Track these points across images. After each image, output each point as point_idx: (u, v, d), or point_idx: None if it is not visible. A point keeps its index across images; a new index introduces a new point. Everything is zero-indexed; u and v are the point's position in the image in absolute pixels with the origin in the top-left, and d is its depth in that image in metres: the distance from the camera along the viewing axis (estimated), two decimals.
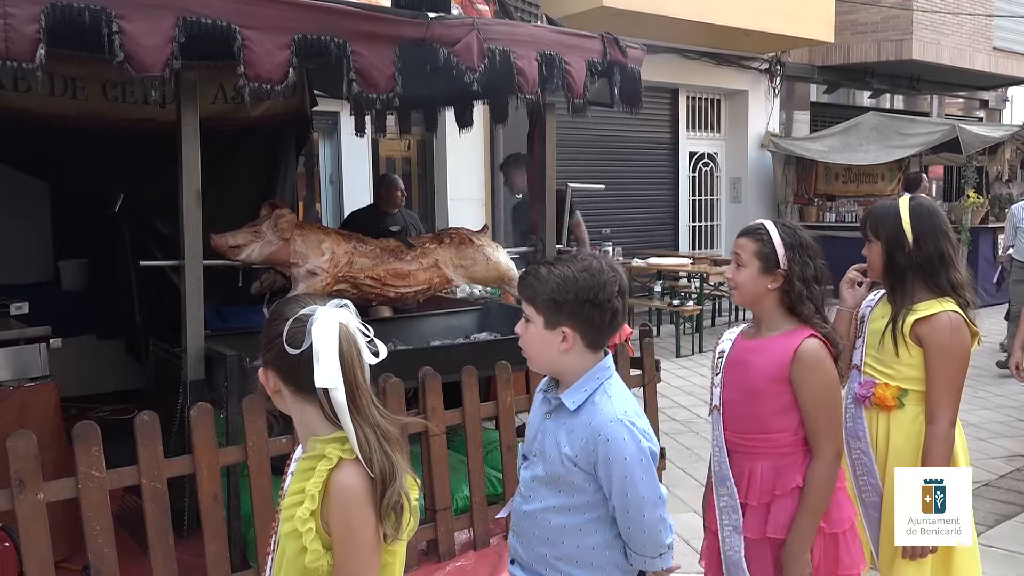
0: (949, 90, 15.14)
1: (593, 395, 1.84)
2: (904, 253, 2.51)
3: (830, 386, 2.18)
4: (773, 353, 2.20)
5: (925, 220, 2.52)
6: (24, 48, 2.59)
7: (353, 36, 3.23)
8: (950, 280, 2.48)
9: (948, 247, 2.51)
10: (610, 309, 1.82)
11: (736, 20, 9.93)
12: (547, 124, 4.52)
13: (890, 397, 2.55)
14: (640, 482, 1.79)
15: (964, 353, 2.46)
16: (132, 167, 5.22)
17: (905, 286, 2.53)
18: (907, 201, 2.55)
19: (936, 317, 2.44)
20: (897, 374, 2.56)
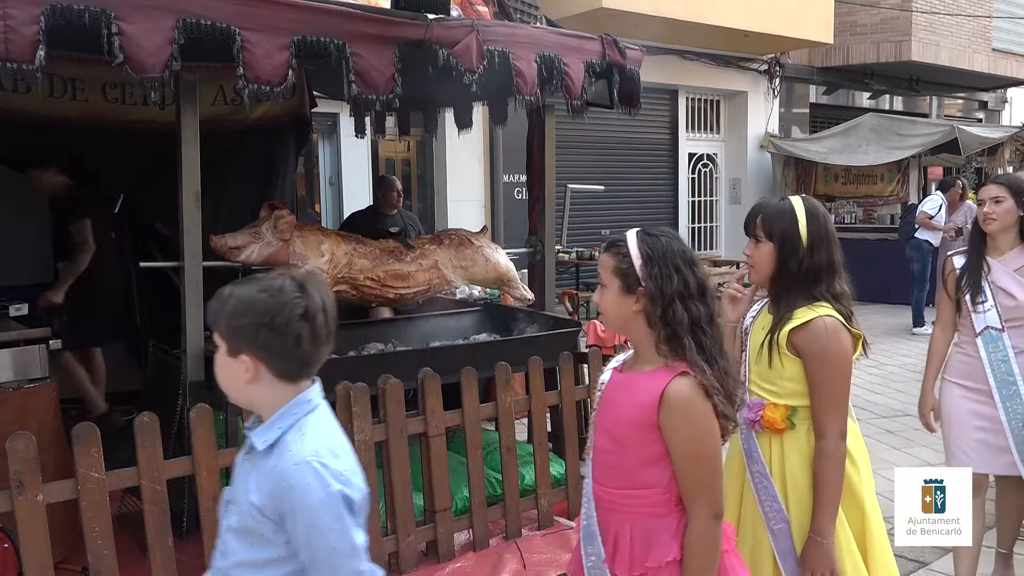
0: (948, 91, 15.15)
1: (286, 434, 1.59)
2: (796, 259, 2.30)
3: (705, 434, 1.81)
4: (639, 393, 1.85)
5: (820, 223, 2.32)
6: (24, 49, 2.60)
7: (352, 37, 3.23)
8: (831, 290, 2.30)
9: (837, 255, 2.33)
10: (291, 334, 1.56)
11: (735, 21, 9.94)
12: (546, 125, 4.52)
13: (779, 419, 2.31)
14: (329, 531, 1.53)
15: (844, 359, 2.25)
16: (132, 168, 5.22)
17: (791, 294, 2.32)
18: (802, 202, 2.35)
19: (811, 324, 2.24)
20: (782, 391, 2.32)
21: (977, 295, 3.26)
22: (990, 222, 3.26)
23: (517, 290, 4.66)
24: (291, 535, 1.57)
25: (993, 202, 3.26)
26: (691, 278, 1.84)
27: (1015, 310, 3.23)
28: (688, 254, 1.87)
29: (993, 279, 3.26)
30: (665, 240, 1.87)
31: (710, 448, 1.82)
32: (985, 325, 3.25)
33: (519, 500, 3.89)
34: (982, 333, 3.26)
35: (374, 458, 3.51)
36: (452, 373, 3.74)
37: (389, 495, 3.57)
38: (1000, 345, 3.24)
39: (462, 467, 3.87)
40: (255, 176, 5.73)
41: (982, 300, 3.25)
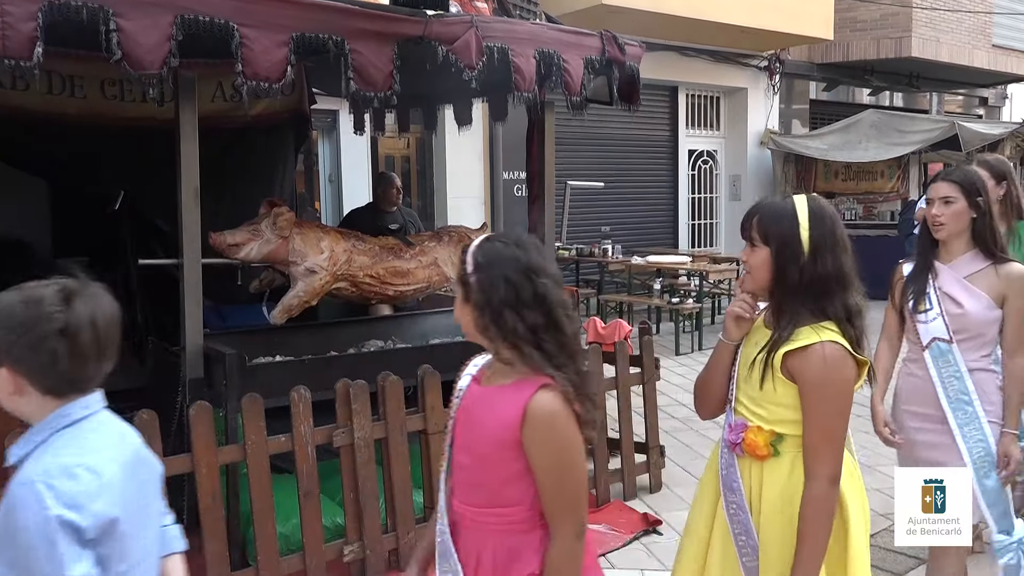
0: (948, 87, 15.14)
1: (35, 449, 1.49)
2: (797, 267, 2.02)
3: (567, 449, 1.70)
4: (500, 409, 1.73)
5: (826, 227, 2.04)
6: (22, 46, 2.59)
7: (351, 34, 3.22)
8: (846, 305, 2.02)
9: (848, 264, 2.04)
10: (46, 351, 1.45)
11: (735, 18, 9.92)
12: (546, 122, 4.52)
13: (762, 444, 2.07)
14: (41, 558, 1.38)
15: (843, 394, 1.98)
16: (131, 165, 5.22)
17: (794, 307, 2.04)
18: (805, 201, 2.07)
19: (810, 349, 1.97)
20: (770, 415, 2.07)
21: (920, 302, 2.87)
22: (939, 227, 2.84)
23: None
24: (11, 558, 1.43)
25: (942, 203, 2.83)
26: (525, 287, 1.70)
27: (961, 319, 2.81)
28: (525, 261, 1.72)
29: (940, 285, 2.85)
30: (501, 246, 1.74)
31: (575, 463, 1.73)
32: (932, 337, 2.85)
33: None
34: (929, 346, 2.86)
35: (374, 455, 3.51)
36: (452, 370, 3.71)
37: (389, 492, 3.57)
38: (950, 359, 2.84)
39: None
40: (254, 173, 5.72)
41: (926, 308, 2.85)
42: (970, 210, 2.80)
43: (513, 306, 1.70)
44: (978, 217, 2.81)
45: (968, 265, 2.85)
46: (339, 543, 3.46)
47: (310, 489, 3.31)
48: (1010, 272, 2.80)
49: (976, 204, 2.81)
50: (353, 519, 3.48)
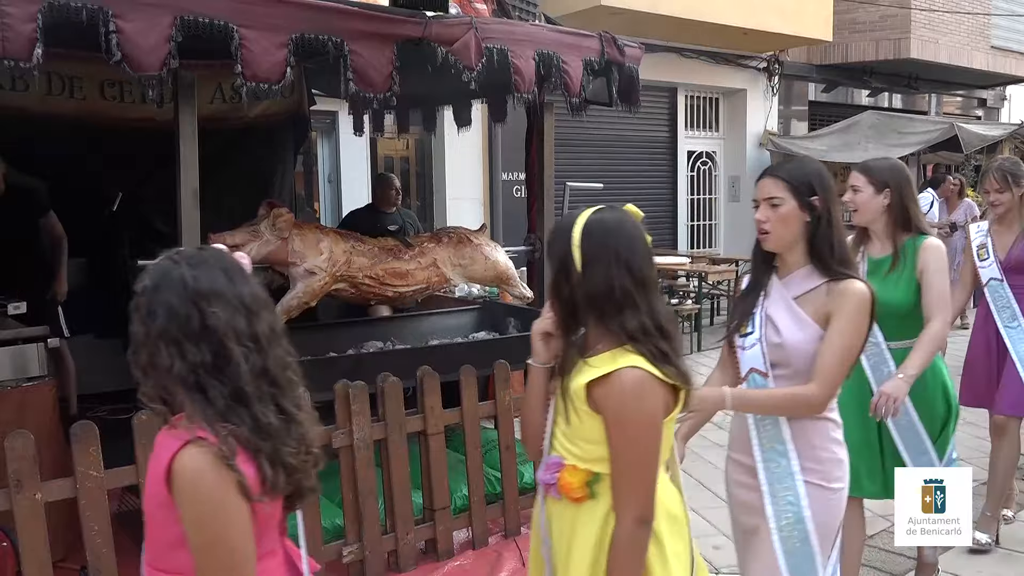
0: (947, 89, 15.14)
1: None
2: (569, 284, 1.84)
3: (209, 523, 1.42)
4: (156, 460, 1.47)
5: (596, 241, 1.82)
6: (21, 47, 2.59)
7: (351, 35, 3.22)
8: (641, 324, 1.80)
9: (625, 281, 1.80)
10: None
11: (734, 19, 9.93)
12: (545, 123, 4.52)
13: (577, 485, 1.84)
14: None
15: (645, 425, 1.77)
16: (130, 166, 5.22)
17: (576, 329, 1.88)
18: (588, 214, 1.87)
19: (610, 377, 1.77)
20: (584, 452, 1.84)
21: (744, 324, 2.38)
22: (763, 236, 2.33)
23: (516, 288, 4.66)
24: None
25: (768, 205, 2.30)
26: (190, 317, 1.43)
27: (780, 351, 2.29)
28: (193, 286, 1.45)
29: (767, 305, 2.35)
30: (170, 265, 1.49)
31: (221, 538, 1.42)
32: (749, 367, 2.35)
33: (518, 498, 3.89)
34: (747, 378, 2.37)
35: (373, 457, 3.51)
36: (451, 371, 3.74)
37: (388, 493, 3.57)
38: None
39: (461, 465, 3.87)
40: (254, 174, 5.72)
41: (748, 332, 2.36)
42: (802, 213, 2.28)
43: (172, 339, 1.43)
44: (812, 222, 2.28)
45: (801, 283, 2.31)
46: (338, 544, 3.46)
47: None
48: (843, 290, 2.22)
49: (809, 206, 2.28)
50: (352, 520, 3.48)
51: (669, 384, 1.80)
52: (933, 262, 3.03)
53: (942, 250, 3.08)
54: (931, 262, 3.03)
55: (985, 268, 4.08)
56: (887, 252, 3.14)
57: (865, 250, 3.21)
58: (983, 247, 4.12)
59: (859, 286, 2.20)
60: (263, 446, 1.46)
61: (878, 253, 3.18)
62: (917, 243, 3.08)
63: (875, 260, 3.18)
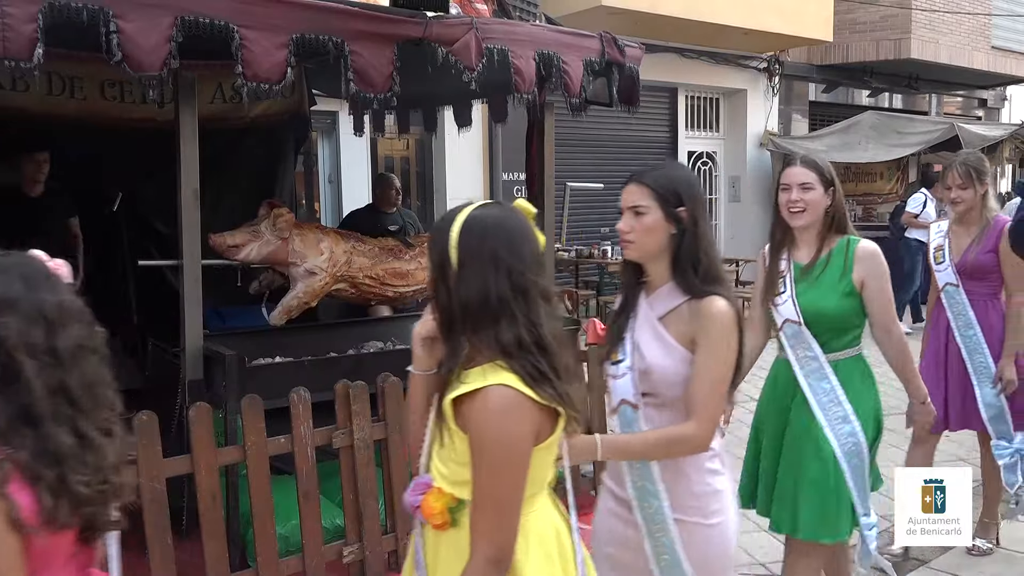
0: (948, 89, 15.14)
1: None
2: (446, 288, 1.66)
3: None
4: None
5: (473, 241, 1.64)
6: (22, 47, 2.59)
7: (351, 35, 3.22)
8: (499, 338, 1.60)
9: (503, 287, 1.61)
10: None
11: (735, 19, 9.93)
12: (546, 123, 4.51)
13: (439, 510, 1.66)
14: None
15: (507, 450, 1.58)
16: (130, 166, 5.22)
17: (456, 337, 1.67)
18: (469, 210, 1.69)
19: (477, 395, 1.59)
20: (451, 474, 1.66)
21: (614, 352, 2.17)
22: (626, 246, 2.13)
23: None
24: None
25: (632, 213, 2.09)
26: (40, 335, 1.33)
27: (646, 379, 2.09)
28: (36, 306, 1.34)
29: (635, 330, 2.13)
30: None
31: None
32: (620, 398, 2.14)
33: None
34: (618, 411, 2.16)
35: (373, 457, 3.51)
36: None
37: (388, 494, 3.57)
38: (635, 431, 2.12)
39: None
40: (254, 174, 5.72)
41: (618, 360, 2.15)
42: (667, 224, 2.05)
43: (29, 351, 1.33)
44: (677, 234, 2.05)
45: (664, 301, 2.10)
46: (338, 544, 3.46)
47: (309, 490, 3.31)
48: (705, 308, 2.01)
49: (676, 217, 2.05)
50: (352, 520, 3.48)
51: (545, 407, 1.61)
52: (877, 269, 2.76)
53: (880, 255, 2.81)
54: (874, 269, 2.76)
55: (941, 272, 3.83)
56: (819, 256, 2.83)
57: (790, 256, 2.90)
58: (940, 249, 3.86)
59: (721, 305, 2.01)
60: (45, 473, 1.30)
61: (805, 258, 2.87)
62: (851, 247, 2.79)
63: (802, 266, 2.87)
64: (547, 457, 1.70)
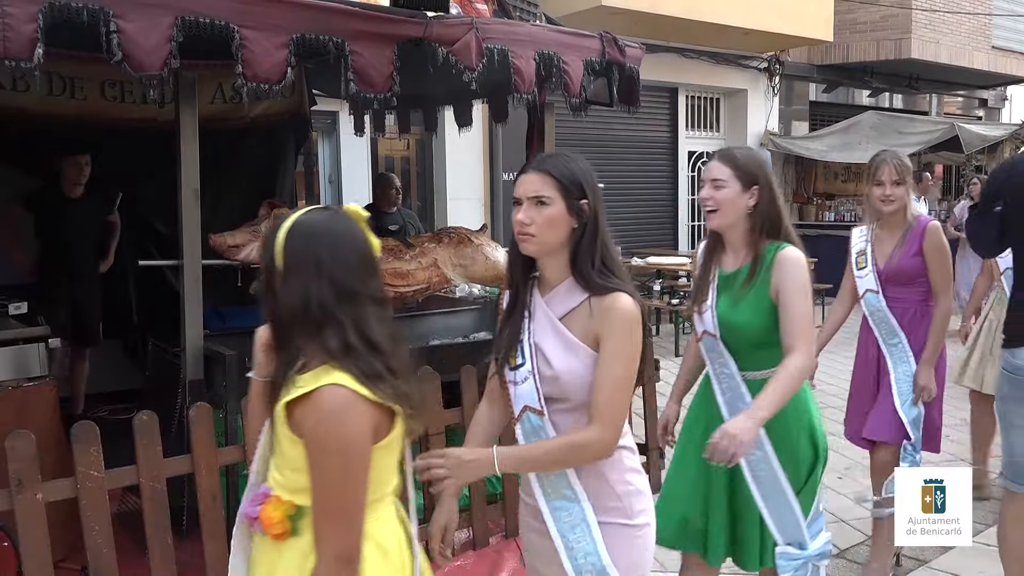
0: (948, 89, 15.15)
1: None
2: (274, 293, 1.64)
3: None
4: None
5: (298, 246, 1.61)
6: (22, 47, 2.59)
7: (351, 35, 3.22)
8: (326, 345, 1.58)
9: (325, 294, 1.59)
10: None
11: (735, 19, 9.93)
12: (546, 123, 4.52)
13: (278, 519, 1.62)
14: None
15: (349, 449, 1.54)
16: (131, 166, 5.22)
17: (287, 343, 1.65)
18: (298, 215, 1.67)
19: (311, 396, 1.55)
20: (287, 482, 1.63)
21: (512, 356, 2.01)
22: (524, 239, 1.94)
23: None
24: None
25: (532, 204, 1.92)
26: None
27: (553, 384, 1.94)
28: None
29: (535, 332, 1.97)
30: None
31: None
32: (523, 404, 1.99)
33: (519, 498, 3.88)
34: (520, 418, 2.00)
35: None
36: (452, 371, 3.74)
37: None
38: (542, 438, 1.98)
39: None
40: (254, 174, 5.73)
41: (518, 364, 1.99)
42: (570, 217, 1.92)
43: None
44: (578, 229, 1.93)
45: (564, 300, 1.96)
46: None
47: None
48: (608, 306, 1.89)
49: (578, 210, 1.92)
50: None
51: (381, 405, 1.59)
52: (790, 278, 2.44)
53: (801, 262, 2.48)
54: (787, 278, 2.44)
55: (862, 278, 3.55)
56: (743, 263, 2.57)
57: (716, 263, 2.67)
58: (862, 254, 3.58)
59: (624, 301, 1.89)
60: None
61: (732, 266, 2.60)
62: (773, 254, 2.51)
63: (727, 275, 2.61)
64: (388, 458, 1.67)
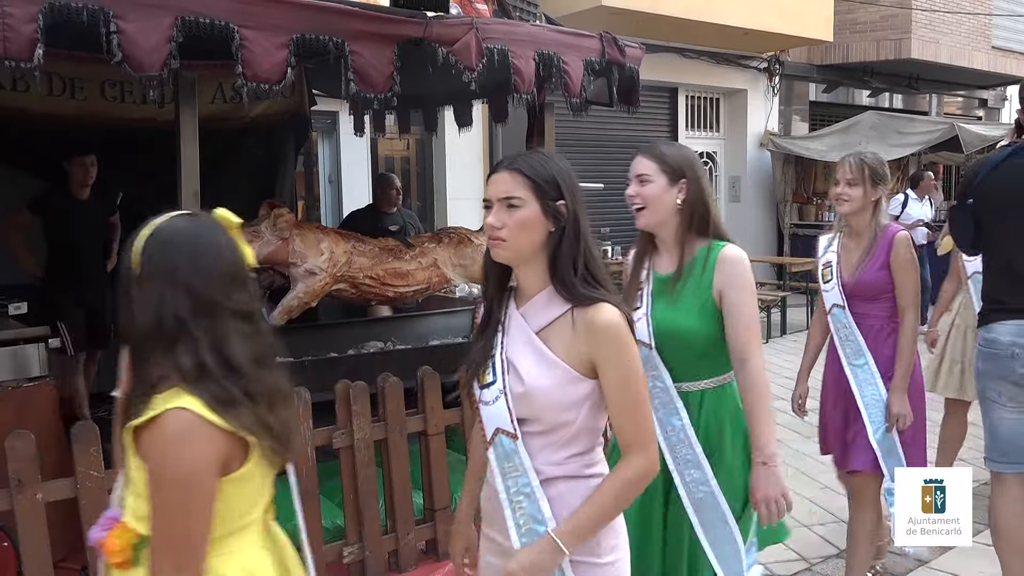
0: (948, 89, 15.15)
1: None
2: (128, 305, 1.51)
3: None
4: None
5: (156, 256, 1.50)
6: (22, 47, 2.59)
7: (351, 35, 3.22)
8: (178, 363, 1.46)
9: (181, 307, 1.47)
10: None
11: (735, 19, 9.94)
12: (546, 123, 4.52)
13: (119, 548, 1.51)
14: None
15: (188, 479, 1.42)
16: (131, 167, 5.22)
17: (141, 360, 1.51)
18: (159, 221, 1.54)
19: (157, 420, 1.43)
20: (136, 508, 1.51)
21: (482, 373, 1.84)
22: (496, 244, 1.77)
23: None
24: None
25: (504, 206, 1.74)
26: None
27: (524, 403, 1.76)
28: None
29: (507, 346, 1.81)
30: None
31: None
32: (495, 428, 1.80)
33: None
34: (493, 442, 1.81)
35: (373, 457, 3.51)
36: (451, 371, 3.74)
37: (388, 493, 3.57)
38: (516, 462, 1.78)
39: (461, 465, 3.85)
40: (254, 174, 5.73)
41: (488, 382, 1.81)
42: (546, 220, 1.74)
43: None
44: (556, 232, 1.74)
45: (542, 311, 1.78)
46: (339, 544, 3.46)
47: (310, 490, 3.31)
48: (594, 321, 1.70)
49: (554, 212, 1.74)
50: (353, 520, 3.48)
51: (234, 434, 1.46)
52: (737, 279, 2.30)
53: (745, 261, 2.34)
54: (733, 279, 2.30)
55: (828, 292, 3.33)
56: (674, 265, 2.42)
57: (651, 264, 2.48)
58: (828, 266, 3.34)
59: (612, 314, 1.71)
60: None
61: (666, 268, 2.43)
62: (712, 253, 2.34)
63: (663, 277, 2.43)
64: (243, 491, 1.53)
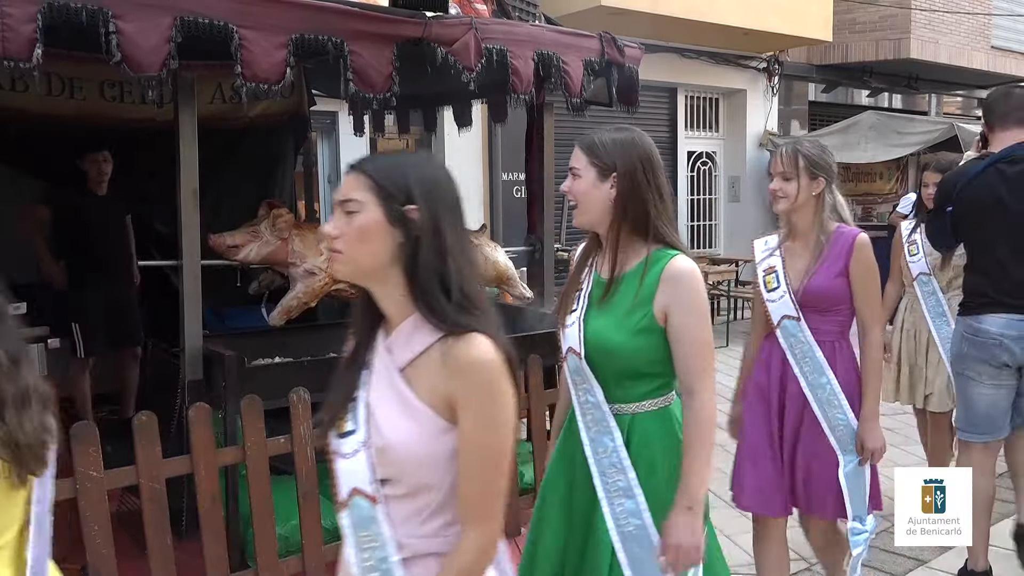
0: (947, 89, 15.14)
1: None
2: None
3: None
4: None
5: None
6: (21, 47, 2.59)
7: (350, 35, 3.22)
8: None
9: None
10: None
11: (734, 19, 9.94)
12: (545, 123, 4.52)
13: None
14: None
15: None
16: (130, 167, 5.22)
17: None
18: None
19: None
20: None
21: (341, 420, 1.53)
22: (333, 257, 1.49)
23: (516, 289, 4.66)
24: None
25: (343, 212, 1.47)
26: None
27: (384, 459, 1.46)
28: None
29: (370, 388, 1.51)
30: None
31: None
32: (351, 488, 1.51)
33: (519, 498, 3.89)
34: (348, 504, 1.52)
35: None
36: None
37: None
38: (373, 533, 1.50)
39: None
40: (253, 174, 5.73)
41: (348, 431, 1.50)
42: (391, 229, 1.43)
43: None
44: (408, 244, 1.43)
45: (407, 343, 1.47)
46: (338, 544, 3.45)
47: (309, 490, 3.31)
48: (460, 355, 1.40)
49: (402, 219, 1.43)
50: None
51: None
52: (686, 298, 2.00)
53: (697, 276, 2.04)
54: (681, 298, 2.00)
55: (775, 302, 2.86)
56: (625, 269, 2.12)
57: (595, 264, 2.22)
58: (772, 271, 2.90)
59: (483, 349, 1.40)
60: None
61: (606, 271, 2.15)
62: (656, 265, 2.04)
63: (602, 281, 2.15)
64: None
